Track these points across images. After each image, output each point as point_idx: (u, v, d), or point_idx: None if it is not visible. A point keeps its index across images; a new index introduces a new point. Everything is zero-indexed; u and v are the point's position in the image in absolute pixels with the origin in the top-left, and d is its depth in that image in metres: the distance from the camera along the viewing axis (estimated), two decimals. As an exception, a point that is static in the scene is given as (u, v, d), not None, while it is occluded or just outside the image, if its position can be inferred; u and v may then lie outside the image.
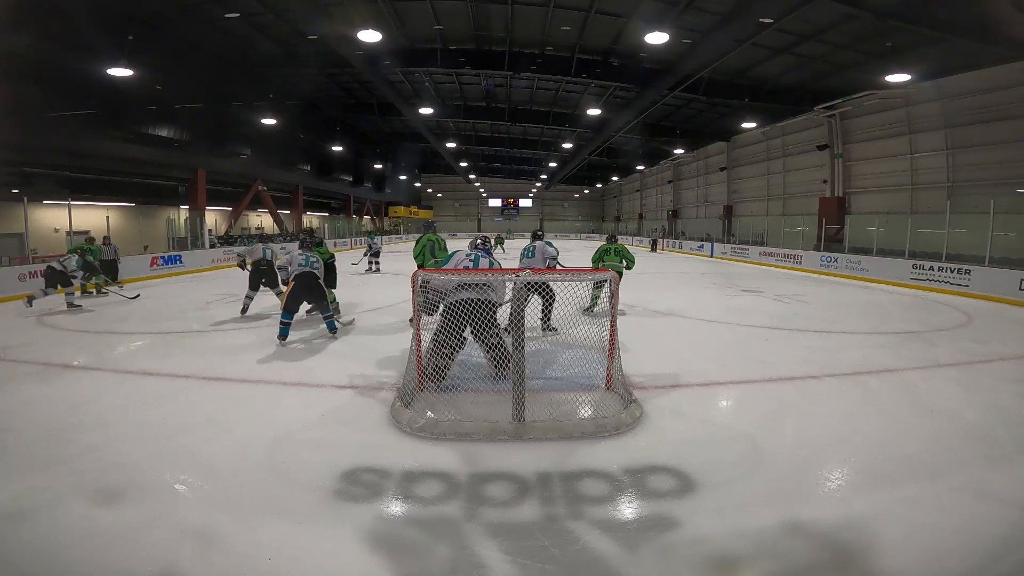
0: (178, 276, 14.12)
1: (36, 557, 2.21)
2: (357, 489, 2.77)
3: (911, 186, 16.09)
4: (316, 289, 6.09)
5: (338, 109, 26.08)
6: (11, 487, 2.75)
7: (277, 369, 4.98)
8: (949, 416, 3.89)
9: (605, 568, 2.16)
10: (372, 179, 38.26)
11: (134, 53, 12.35)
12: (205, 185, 20.24)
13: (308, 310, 7.04)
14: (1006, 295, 9.67)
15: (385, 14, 13.98)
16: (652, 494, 2.74)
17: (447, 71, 18.69)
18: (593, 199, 55.78)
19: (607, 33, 14.82)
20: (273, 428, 3.56)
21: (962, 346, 6.24)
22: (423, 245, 6.97)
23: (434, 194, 53.69)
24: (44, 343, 6.17)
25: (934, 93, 14.75)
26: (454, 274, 4.32)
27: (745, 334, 6.79)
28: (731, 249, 22.09)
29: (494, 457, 3.15)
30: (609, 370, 4.13)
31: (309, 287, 6.01)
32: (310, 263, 6.10)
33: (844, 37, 12.91)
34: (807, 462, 3.13)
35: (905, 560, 2.20)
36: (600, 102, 20.62)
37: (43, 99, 13.32)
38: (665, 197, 35.77)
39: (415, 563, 2.20)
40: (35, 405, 4.03)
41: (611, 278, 4.13)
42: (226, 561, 2.19)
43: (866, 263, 13.89)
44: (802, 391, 4.48)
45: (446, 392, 4.00)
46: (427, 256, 6.85)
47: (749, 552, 2.27)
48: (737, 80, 17.32)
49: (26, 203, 11.76)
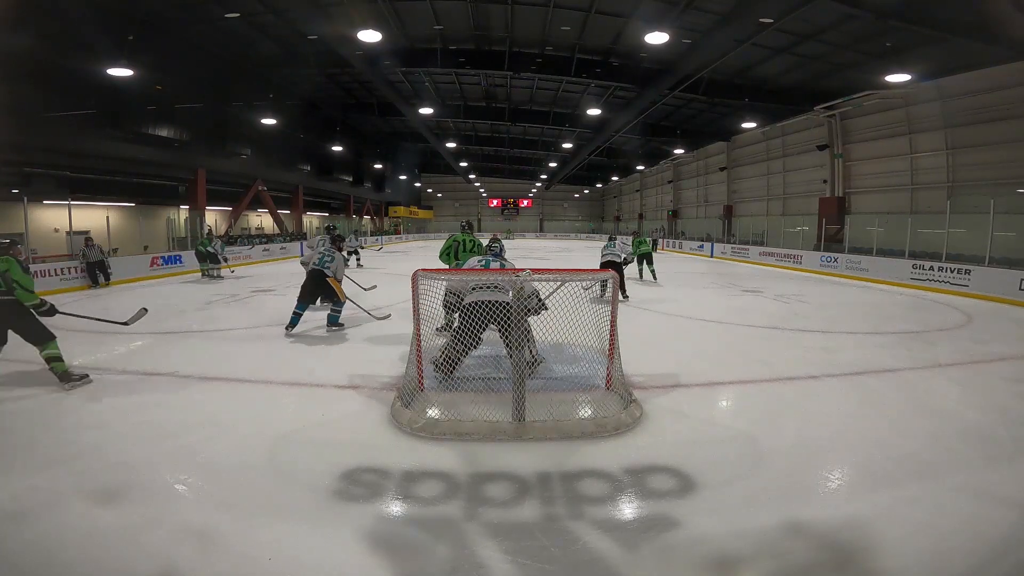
0: (178, 276, 14.12)
1: (36, 557, 2.21)
2: (357, 489, 2.77)
3: (911, 186, 16.09)
4: (324, 287, 6.43)
5: (338, 109, 26.08)
6: (11, 487, 2.75)
7: (277, 369, 4.98)
8: (949, 416, 3.89)
9: (605, 568, 2.16)
10: (372, 179, 38.25)
11: (134, 53, 12.34)
12: (205, 185, 20.24)
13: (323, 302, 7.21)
14: (1006, 295, 9.66)
15: (385, 14, 13.98)
16: (652, 494, 2.74)
17: (447, 71, 18.68)
18: (593, 199, 55.76)
19: (607, 33, 14.82)
20: (273, 428, 3.56)
21: (962, 346, 6.24)
22: (448, 245, 6.81)
23: (434, 194, 53.67)
24: (44, 343, 6.16)
25: (934, 93, 14.75)
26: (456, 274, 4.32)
27: (745, 334, 6.79)
28: (731, 249, 22.08)
29: (494, 457, 3.15)
30: (609, 370, 4.13)
31: (317, 284, 6.38)
32: (323, 262, 6.43)
33: (844, 37, 12.91)
34: (807, 462, 3.14)
35: (905, 560, 2.20)
36: (600, 102, 20.62)
37: (43, 99, 13.31)
38: (665, 197, 35.76)
39: (415, 563, 2.20)
40: (35, 405, 4.03)
41: (612, 278, 4.13)
42: (226, 561, 2.19)
43: (866, 263, 13.89)
44: (802, 391, 4.48)
45: (447, 392, 4.00)
46: (451, 257, 6.66)
47: (749, 552, 2.27)
48: (737, 80, 17.32)
49: (26, 203, 11.75)
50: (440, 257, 6.82)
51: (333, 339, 6.25)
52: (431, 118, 25.34)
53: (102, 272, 11.36)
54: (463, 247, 6.55)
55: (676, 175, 33.53)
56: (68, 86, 13.67)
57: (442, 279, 4.25)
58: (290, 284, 12.19)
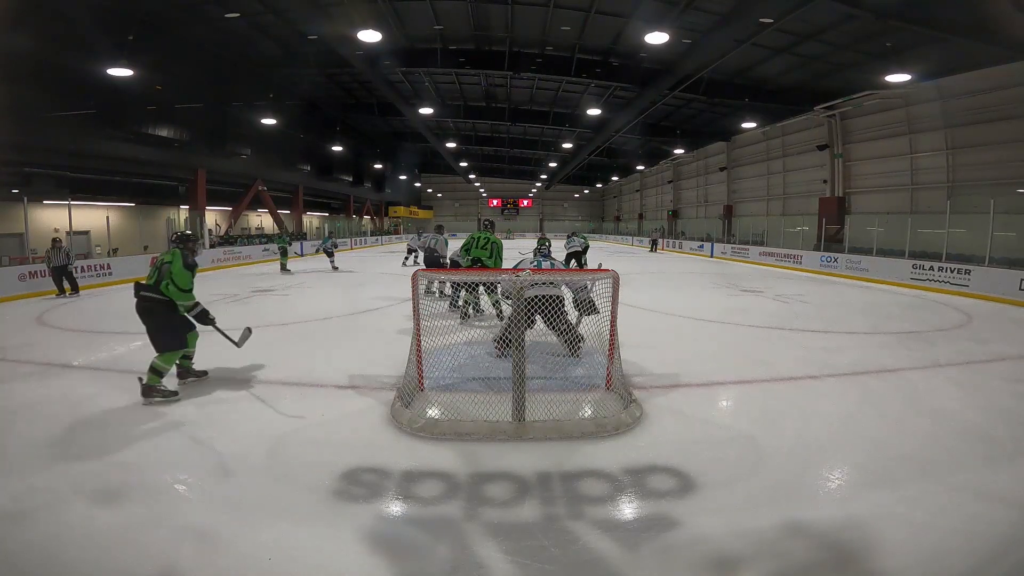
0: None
1: (36, 557, 2.21)
2: (357, 489, 2.77)
3: (911, 186, 16.09)
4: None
5: (338, 109, 26.09)
6: (11, 487, 2.75)
7: (277, 369, 4.98)
8: (949, 416, 3.88)
9: (605, 568, 2.16)
10: (372, 179, 38.28)
11: (134, 53, 12.35)
12: (205, 185, 20.24)
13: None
14: (1006, 295, 9.67)
15: (385, 14, 13.98)
16: (652, 494, 2.74)
17: (447, 71, 18.69)
18: (593, 199, 55.78)
19: (607, 33, 14.82)
20: (273, 428, 3.56)
21: (962, 346, 6.23)
22: (467, 242, 7.23)
23: (434, 194, 53.69)
24: (44, 343, 6.18)
25: (934, 93, 14.75)
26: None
27: (745, 334, 6.79)
28: (731, 249, 22.09)
29: (494, 457, 3.15)
30: (609, 370, 4.13)
31: None
32: None
33: (844, 37, 12.91)
34: (807, 462, 3.13)
35: (905, 560, 2.20)
36: (600, 102, 20.62)
37: (43, 99, 13.32)
38: (665, 197, 35.77)
39: (415, 563, 2.19)
40: (35, 405, 4.03)
41: (612, 277, 4.13)
42: (226, 561, 2.19)
43: (866, 263, 13.89)
44: (802, 391, 4.48)
45: (447, 392, 4.00)
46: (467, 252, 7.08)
47: (749, 552, 2.26)
48: (737, 80, 17.32)
49: (26, 203, 11.78)
50: (459, 251, 7.52)
51: (333, 339, 6.25)
52: (431, 118, 25.34)
53: (68, 279, 9.93)
54: (476, 244, 6.98)
55: (676, 175, 33.54)
56: (68, 86, 13.69)
57: (442, 279, 4.25)
58: (291, 284, 12.20)
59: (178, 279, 4.08)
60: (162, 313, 4.10)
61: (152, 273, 4.15)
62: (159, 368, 4.07)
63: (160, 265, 4.12)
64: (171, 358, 4.14)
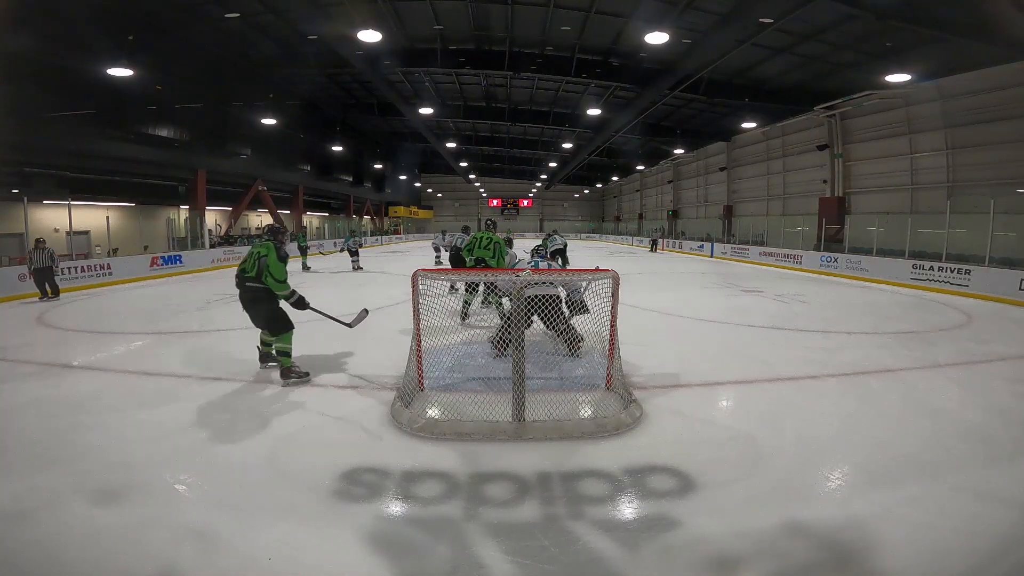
0: (178, 276, 14.12)
1: (36, 557, 2.21)
2: (357, 489, 2.77)
3: (911, 186, 16.08)
4: None
5: (338, 109, 26.07)
6: (11, 487, 2.75)
7: (277, 369, 4.97)
8: (949, 416, 3.88)
9: (605, 568, 2.16)
10: (372, 179, 38.25)
11: (134, 53, 12.35)
12: (205, 185, 20.23)
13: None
14: (1006, 295, 9.66)
15: (385, 14, 13.97)
16: (652, 494, 2.74)
17: (447, 71, 18.68)
18: (593, 199, 55.75)
19: (607, 33, 14.82)
20: (273, 428, 3.57)
21: (962, 346, 6.23)
22: (470, 242, 7.37)
23: (434, 194, 53.67)
24: (44, 343, 6.18)
25: (934, 93, 14.74)
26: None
27: (745, 334, 6.79)
28: (731, 249, 22.08)
29: (494, 457, 3.15)
30: (609, 370, 4.13)
31: None
32: None
33: (844, 37, 12.90)
34: (807, 462, 3.13)
35: (905, 560, 2.20)
36: (600, 102, 20.61)
37: (43, 99, 13.32)
38: (665, 197, 35.76)
39: (415, 563, 2.19)
40: (35, 405, 4.03)
41: (612, 277, 4.13)
42: (226, 561, 2.19)
43: (866, 263, 13.88)
44: (802, 391, 4.48)
45: (447, 392, 4.00)
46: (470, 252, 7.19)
47: (749, 552, 2.27)
48: (737, 80, 17.31)
49: (26, 203, 11.76)
50: (462, 251, 7.82)
51: (333, 339, 6.24)
52: (431, 118, 25.33)
53: (49, 283, 9.52)
54: (479, 244, 7.10)
55: (676, 175, 33.53)
56: (68, 86, 13.68)
57: (442, 279, 4.25)
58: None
59: (274, 271, 4.35)
60: (268, 301, 4.44)
61: (252, 265, 4.39)
62: (284, 350, 4.46)
63: (258, 258, 4.38)
64: (288, 338, 4.51)
